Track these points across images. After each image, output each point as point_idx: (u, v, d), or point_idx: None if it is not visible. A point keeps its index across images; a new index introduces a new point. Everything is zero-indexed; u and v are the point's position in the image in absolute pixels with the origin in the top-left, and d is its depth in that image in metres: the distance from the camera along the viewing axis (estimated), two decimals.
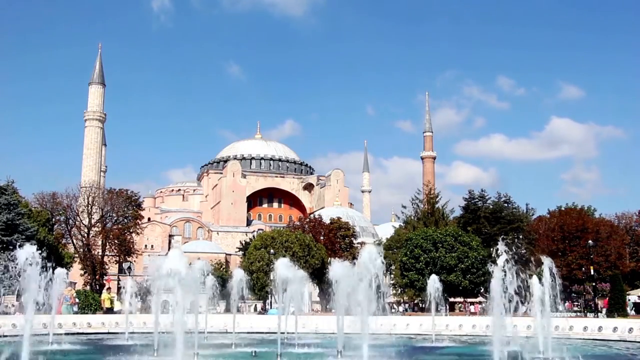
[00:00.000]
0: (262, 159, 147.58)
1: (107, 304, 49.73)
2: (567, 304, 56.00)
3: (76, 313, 39.47)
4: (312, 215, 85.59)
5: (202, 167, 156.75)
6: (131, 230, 67.60)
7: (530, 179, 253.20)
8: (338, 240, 72.82)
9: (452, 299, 54.29)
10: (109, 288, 64.62)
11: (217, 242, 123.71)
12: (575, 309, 56.82)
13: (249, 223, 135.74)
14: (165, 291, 18.43)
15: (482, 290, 51.10)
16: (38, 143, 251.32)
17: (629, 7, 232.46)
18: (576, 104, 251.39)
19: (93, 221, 63.81)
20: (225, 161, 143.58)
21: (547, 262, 19.55)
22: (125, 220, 68.25)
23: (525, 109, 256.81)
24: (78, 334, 29.60)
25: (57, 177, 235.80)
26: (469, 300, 56.85)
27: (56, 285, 21.51)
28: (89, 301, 41.95)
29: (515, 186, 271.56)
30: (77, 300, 43.36)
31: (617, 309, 39.22)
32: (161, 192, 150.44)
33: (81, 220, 63.69)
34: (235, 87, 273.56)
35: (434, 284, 29.12)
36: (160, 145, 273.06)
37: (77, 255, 62.86)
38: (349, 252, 71.35)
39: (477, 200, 64.67)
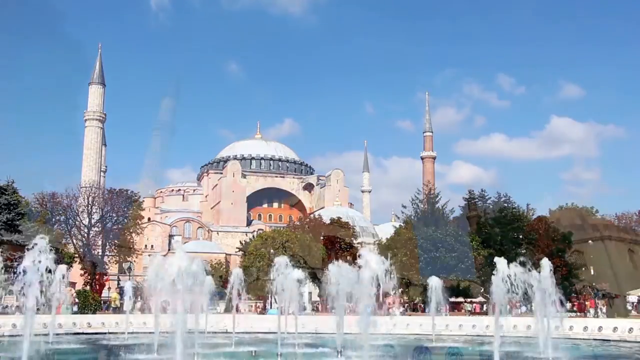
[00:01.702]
0: (262, 159, 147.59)
1: (116, 304, 50.02)
2: (570, 304, 55.74)
3: (76, 313, 39.51)
4: (312, 215, 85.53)
5: (202, 167, 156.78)
6: (131, 230, 67.59)
7: (530, 179, 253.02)
8: (338, 240, 72.68)
9: (452, 299, 54.21)
10: (115, 287, 64.67)
11: (217, 242, 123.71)
12: (576, 309, 56.68)
13: (249, 223, 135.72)
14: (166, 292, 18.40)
15: (482, 290, 51.09)
16: (38, 143, 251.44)
17: (629, 5, 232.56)
18: (577, 103, 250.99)
19: (93, 221, 63.73)
20: (225, 161, 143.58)
21: (546, 262, 19.54)
22: (125, 220, 68.19)
23: (526, 108, 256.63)
24: (78, 334, 29.63)
25: (57, 177, 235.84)
26: (469, 300, 56.75)
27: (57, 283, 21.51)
28: (89, 301, 41.98)
29: (515, 186, 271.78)
30: (76, 300, 43.39)
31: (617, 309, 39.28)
32: (161, 192, 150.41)
33: (81, 220, 63.58)
34: (235, 86, 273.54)
35: (434, 284, 29.08)
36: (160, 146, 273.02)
37: (77, 255, 62.80)
38: (349, 252, 71.24)
39: (477, 200, 64.57)
